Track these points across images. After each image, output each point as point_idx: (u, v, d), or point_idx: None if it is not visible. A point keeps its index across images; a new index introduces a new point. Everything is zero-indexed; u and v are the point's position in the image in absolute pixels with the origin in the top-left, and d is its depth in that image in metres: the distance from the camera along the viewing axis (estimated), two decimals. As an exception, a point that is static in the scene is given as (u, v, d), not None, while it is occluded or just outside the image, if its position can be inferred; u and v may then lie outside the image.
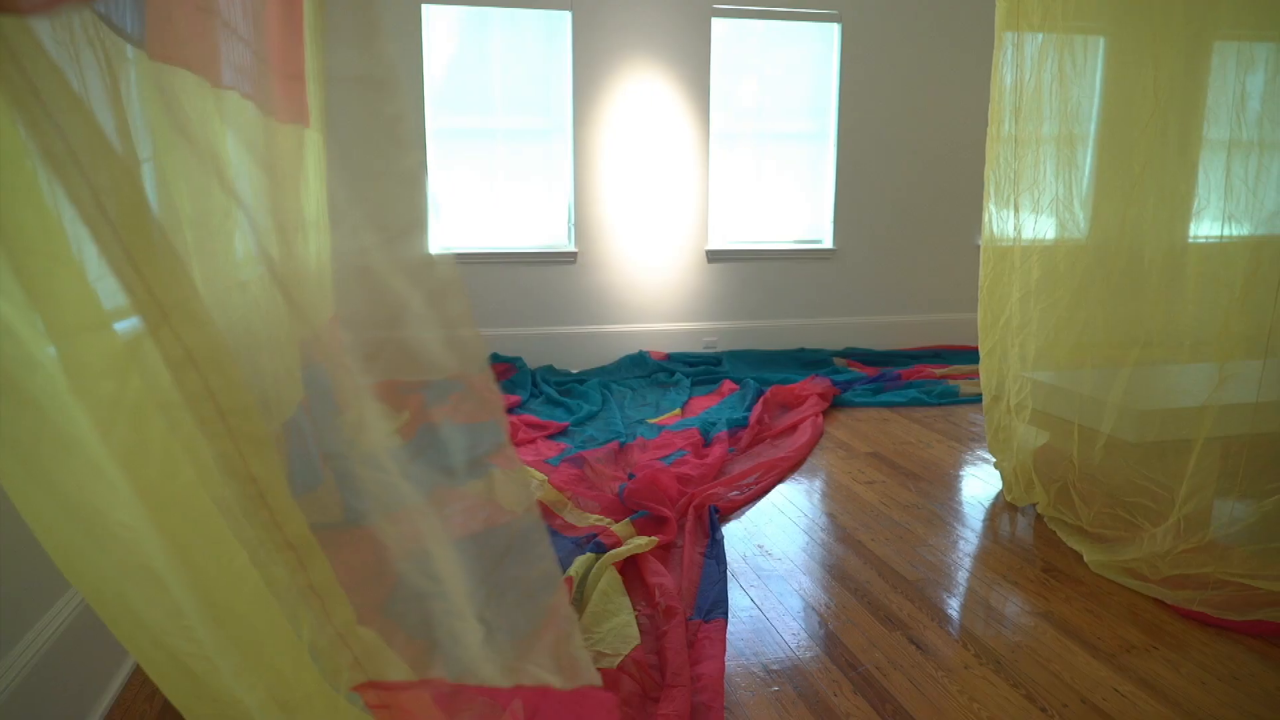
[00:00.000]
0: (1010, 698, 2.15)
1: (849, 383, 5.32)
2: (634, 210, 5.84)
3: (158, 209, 1.49)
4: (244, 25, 2.33)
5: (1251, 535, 2.82)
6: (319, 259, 3.13)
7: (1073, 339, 3.30)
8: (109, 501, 0.92)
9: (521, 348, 5.75)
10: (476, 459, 1.49)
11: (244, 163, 1.98)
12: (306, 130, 3.10)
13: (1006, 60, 3.29)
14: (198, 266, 1.59)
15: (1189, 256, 3.13)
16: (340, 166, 1.97)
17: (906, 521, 3.28)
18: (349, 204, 1.08)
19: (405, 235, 1.03)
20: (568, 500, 3.32)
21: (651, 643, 2.36)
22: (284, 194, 2.42)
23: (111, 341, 0.92)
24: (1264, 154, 2.97)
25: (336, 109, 2.72)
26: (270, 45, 2.68)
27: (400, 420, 2.48)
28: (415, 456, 1.62)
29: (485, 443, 4.24)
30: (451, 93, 5.51)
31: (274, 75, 2.71)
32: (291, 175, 2.72)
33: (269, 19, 2.64)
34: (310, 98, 3.20)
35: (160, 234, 0.94)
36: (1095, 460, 3.09)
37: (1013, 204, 3.33)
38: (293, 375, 2.44)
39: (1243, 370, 2.85)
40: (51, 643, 1.79)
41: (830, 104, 6.11)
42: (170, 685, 1.05)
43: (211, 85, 1.87)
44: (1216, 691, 2.18)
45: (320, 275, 3.15)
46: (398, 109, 1.03)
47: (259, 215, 1.79)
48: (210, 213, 1.72)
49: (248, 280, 2.04)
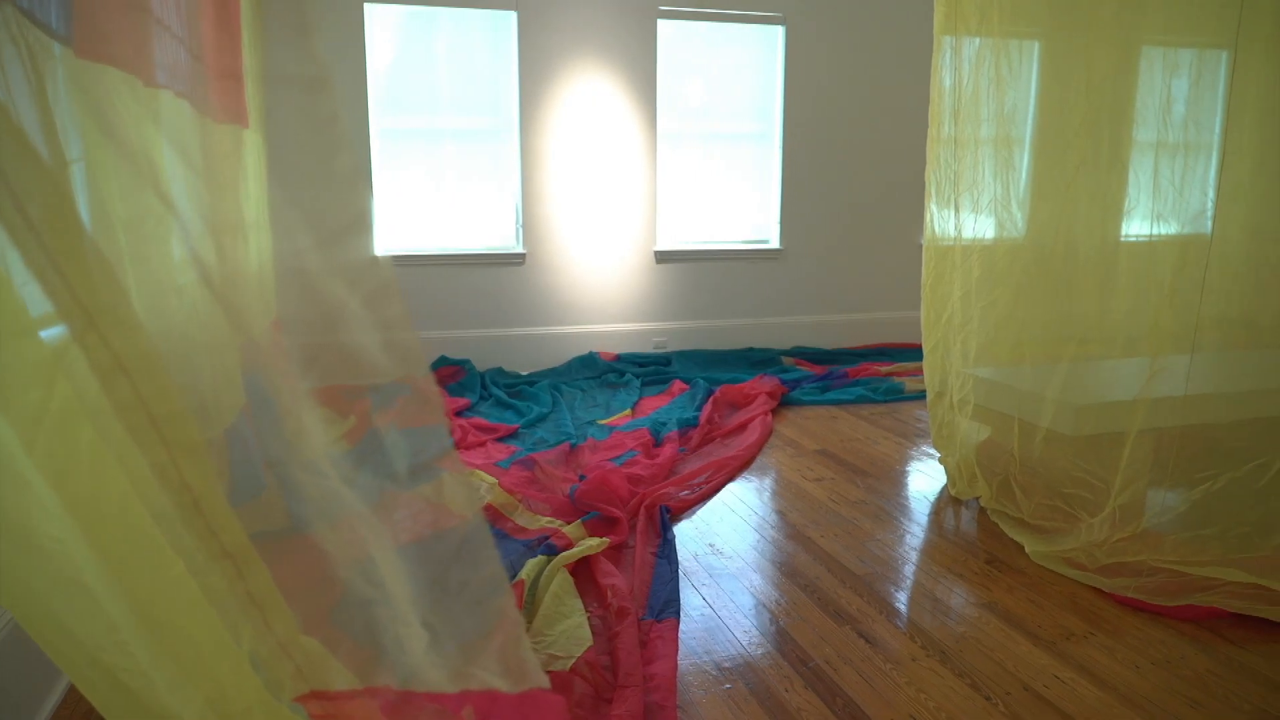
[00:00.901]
0: (956, 687, 2.20)
1: (797, 381, 5.38)
2: (582, 211, 5.83)
3: (89, 212, 1.44)
4: (178, 23, 2.27)
5: (1182, 523, 2.93)
6: (260, 262, 3.06)
7: (1012, 336, 3.38)
8: (37, 515, 0.89)
9: (470, 350, 5.70)
10: (425, 463, 1.47)
11: (178, 164, 1.93)
12: (246, 131, 3.03)
13: (945, 64, 3.36)
14: (131, 270, 1.54)
15: (1121, 255, 3.23)
16: (276, 168, 1.93)
17: (854, 517, 3.33)
18: (284, 206, 1.06)
19: (341, 237, 1.01)
20: (518, 503, 3.30)
21: (604, 644, 2.36)
22: (221, 196, 2.36)
23: (37, 349, 0.88)
24: (1189, 156, 3.08)
25: (273, 109, 2.67)
26: (206, 44, 2.61)
27: (346, 425, 2.44)
28: (362, 461, 1.60)
29: (433, 446, 4.21)
30: (396, 93, 5.44)
31: (210, 74, 2.65)
32: (230, 176, 2.66)
33: (204, 17, 2.58)
34: (249, 98, 3.13)
35: (87, 238, 0.91)
36: (1035, 454, 3.17)
37: (953, 204, 3.40)
38: (234, 380, 2.38)
39: (1172, 365, 2.95)
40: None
41: (775, 105, 6.18)
42: (105, 703, 1.02)
43: (144, 84, 1.82)
44: (1151, 675, 2.25)
45: (262, 279, 3.09)
46: (331, 109, 1.01)
47: (191, 218, 1.75)
48: (144, 215, 1.67)
49: (185, 284, 1.99)
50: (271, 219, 2.83)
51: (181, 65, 2.29)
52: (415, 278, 5.57)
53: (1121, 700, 2.14)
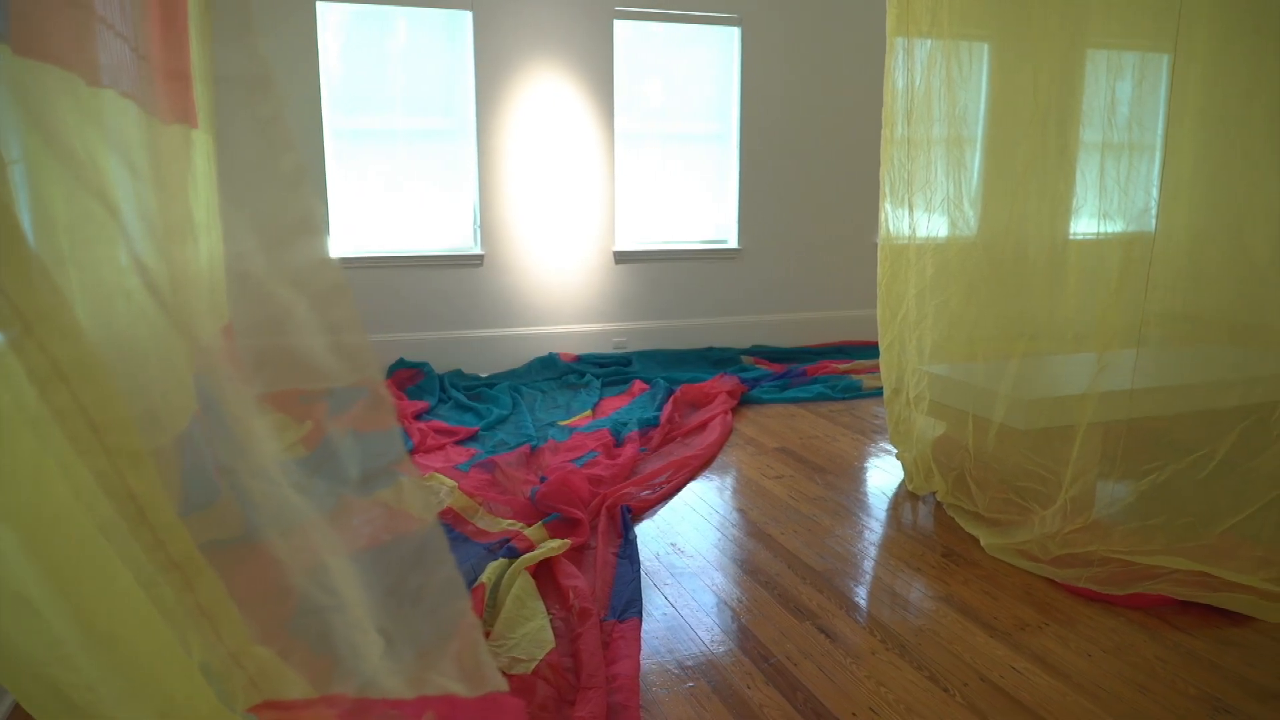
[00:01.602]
0: (915, 680, 2.23)
1: (756, 380, 5.41)
2: (541, 212, 5.81)
3: (30, 214, 1.40)
4: (121, 21, 2.22)
5: (1130, 514, 3.00)
6: (211, 265, 3.00)
7: (965, 333, 3.44)
8: (-26, 526, 0.86)
9: (428, 352, 5.65)
10: (383, 467, 1.45)
11: (122, 166, 1.88)
12: (194, 131, 2.97)
13: (898, 65, 3.40)
14: (74, 275, 1.50)
15: (1069, 253, 3.30)
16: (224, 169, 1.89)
17: (814, 514, 3.36)
18: (230, 208, 1.04)
19: (286, 239, 0.99)
20: (479, 506, 3.28)
21: (566, 646, 2.35)
22: (170, 197, 2.31)
23: (-28, 356, 0.86)
24: (1133, 156, 3.16)
25: (219, 109, 2.61)
26: (151, 42, 2.55)
27: (302, 430, 2.40)
28: (319, 466, 1.57)
29: (392, 450, 4.15)
30: (350, 93, 5.37)
31: (157, 74, 2.59)
32: (178, 178, 2.60)
33: (149, 15, 2.52)
34: (198, 98, 3.07)
35: (24, 241, 0.88)
36: (989, 448, 3.23)
37: (907, 204, 3.45)
38: (185, 386, 2.33)
39: (1119, 360, 3.02)
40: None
41: (732, 106, 6.21)
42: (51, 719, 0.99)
43: (86, 84, 1.77)
44: (1102, 663, 2.31)
45: (213, 282, 3.03)
46: (273, 109, 0.99)
47: (134, 221, 1.71)
48: (88, 218, 1.63)
49: (133, 288, 1.94)
50: (222, 221, 2.78)
51: (126, 64, 2.24)
52: (372, 280, 5.51)
53: (1074, 688, 2.19)
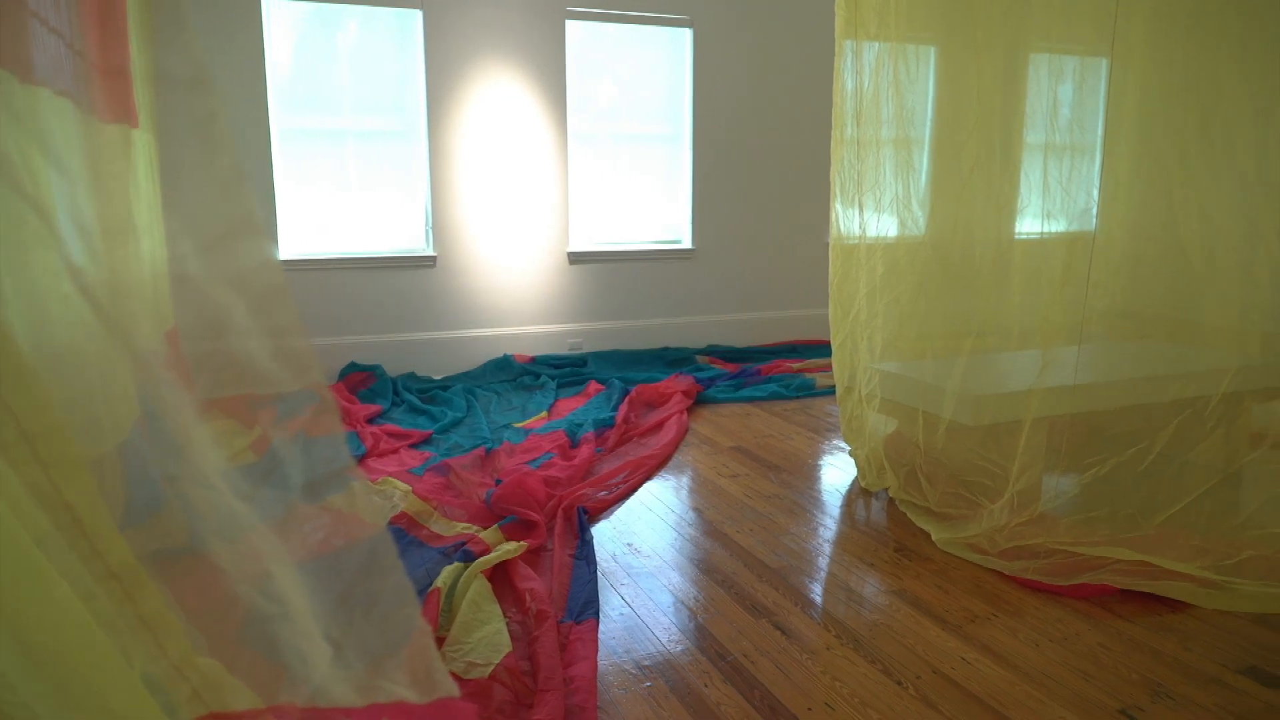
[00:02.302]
0: (869, 674, 2.26)
1: (711, 379, 5.44)
2: (494, 213, 5.77)
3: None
4: (56, 16, 2.16)
5: (1074, 506, 3.08)
6: (155, 267, 2.93)
7: (915, 331, 3.50)
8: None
9: (381, 355, 5.58)
10: (335, 472, 1.43)
11: (57, 166, 1.83)
12: (135, 131, 2.89)
13: (847, 67, 3.45)
14: (7, 280, 1.46)
15: (1014, 252, 3.37)
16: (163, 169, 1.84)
17: (769, 512, 3.39)
18: (168, 209, 1.01)
19: (224, 241, 0.97)
20: (434, 510, 3.24)
21: (524, 649, 2.34)
22: (109, 199, 2.25)
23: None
24: (1075, 157, 3.25)
25: (160, 109, 2.55)
26: (89, 39, 2.48)
27: (251, 436, 2.35)
28: (268, 473, 1.54)
29: (343, 455, 4.09)
30: (299, 92, 5.28)
31: (95, 71, 2.52)
32: (118, 178, 2.53)
33: (86, 10, 2.45)
34: (139, 96, 2.99)
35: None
36: (938, 444, 3.28)
37: (857, 204, 3.50)
38: (127, 392, 2.27)
39: (1062, 356, 3.10)
40: None
41: (685, 106, 6.24)
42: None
43: (20, 81, 1.72)
44: (1049, 652, 2.36)
45: (157, 285, 2.95)
46: (209, 108, 0.97)
47: (68, 223, 1.66)
48: (20, 221, 1.58)
49: (70, 293, 1.88)
50: (164, 223, 2.71)
51: (62, 61, 2.17)
52: (323, 282, 5.42)
53: (1023, 677, 2.24)
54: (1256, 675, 2.24)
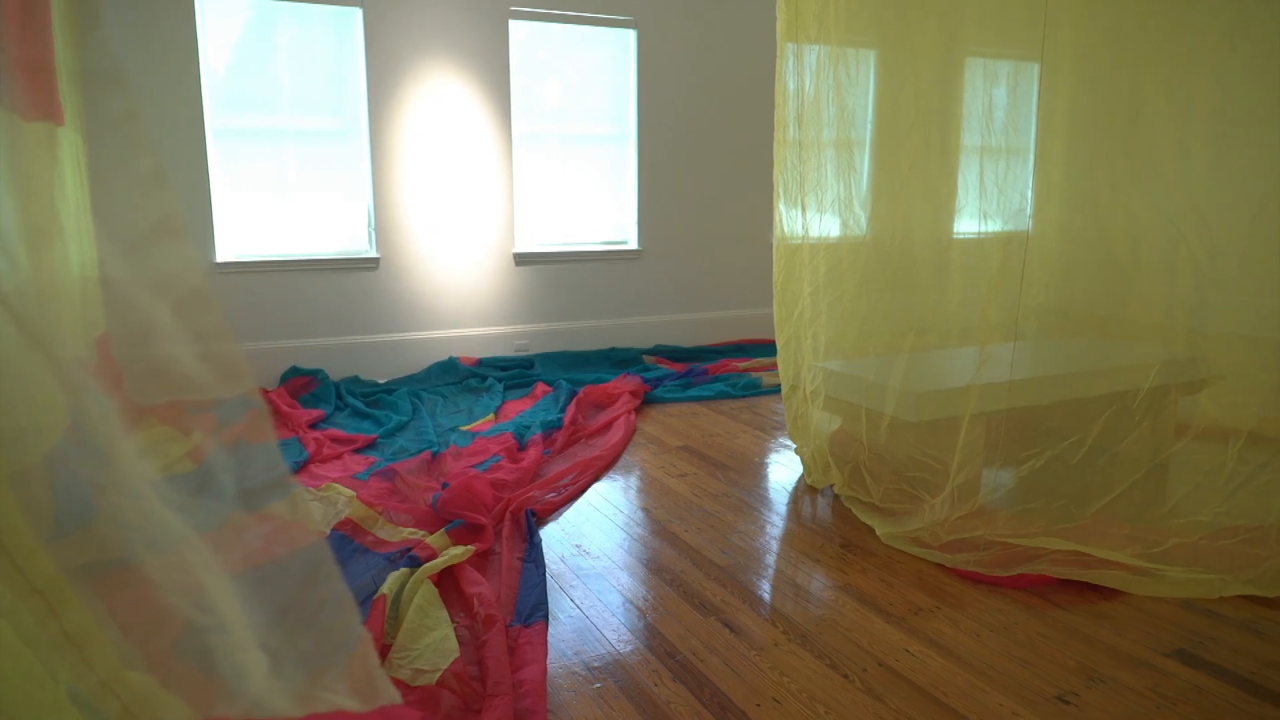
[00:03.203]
0: (816, 668, 2.29)
1: (659, 379, 5.46)
2: (438, 214, 5.71)
3: None
4: (-27, 10, 2.07)
5: (1012, 499, 3.16)
6: (83, 271, 2.83)
7: (857, 329, 3.56)
8: None
9: (324, 359, 5.47)
10: (276, 479, 1.40)
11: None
12: (61, 129, 2.79)
13: (789, 69, 3.49)
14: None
15: (953, 251, 3.45)
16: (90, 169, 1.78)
17: (717, 510, 3.41)
18: (93, 211, 0.98)
19: (145, 244, 0.94)
20: (379, 515, 3.20)
21: (472, 653, 2.32)
22: (31, 199, 2.16)
23: None
24: (1009, 159, 3.33)
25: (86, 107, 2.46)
26: (9, 33, 2.39)
27: (189, 443, 2.29)
28: (206, 482, 1.50)
29: (286, 461, 3.99)
30: (234, 90, 5.15)
31: (16, 67, 2.42)
32: (42, 178, 2.43)
33: (6, 3, 2.36)
34: (64, 94, 2.89)
35: None
36: (881, 440, 3.34)
37: (800, 204, 3.54)
38: (55, 400, 2.19)
39: (999, 353, 3.18)
40: None
41: (630, 107, 6.24)
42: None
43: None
44: (989, 642, 2.42)
45: (85, 289, 2.85)
46: (127, 107, 0.94)
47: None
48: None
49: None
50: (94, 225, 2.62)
51: (-20, 57, 2.08)
52: (263, 285, 5.30)
53: (965, 667, 2.29)
54: (1183, 657, 2.33)
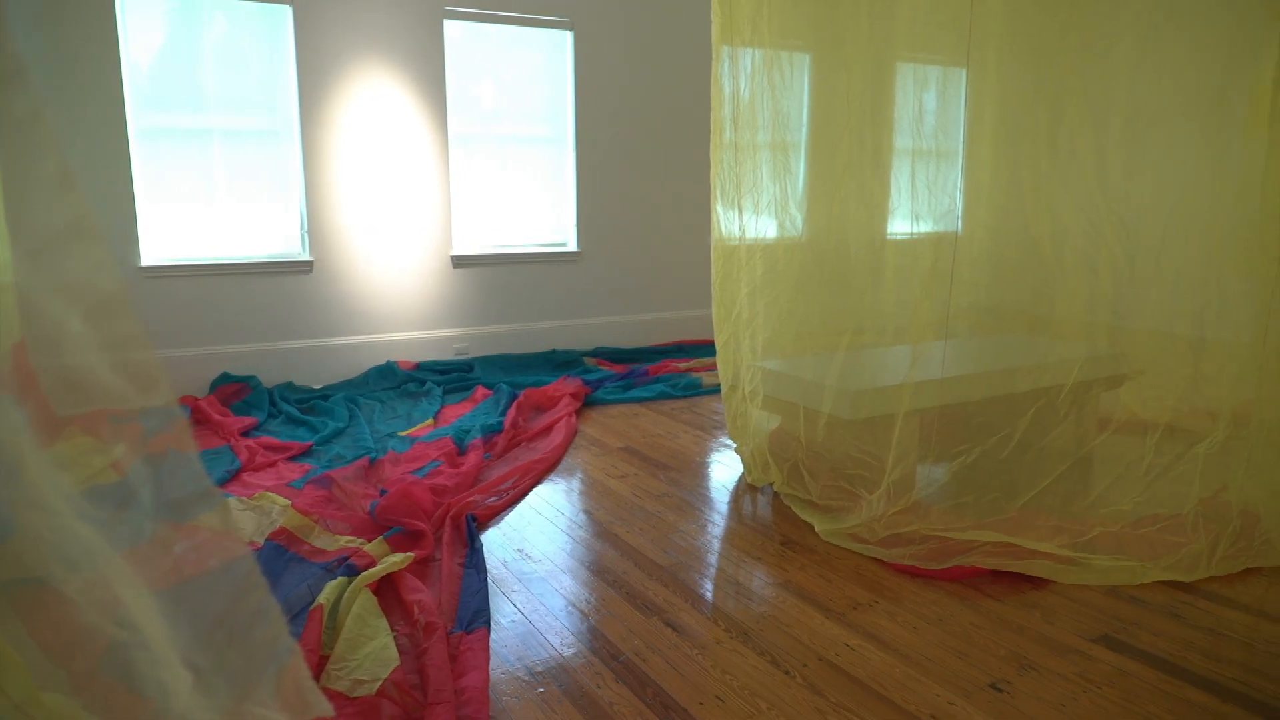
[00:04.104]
0: (758, 665, 2.32)
1: (600, 381, 5.46)
2: (373, 216, 5.61)
3: None
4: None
5: (945, 493, 3.24)
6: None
7: (794, 329, 3.61)
8: None
9: (256, 365, 5.33)
10: (206, 489, 1.36)
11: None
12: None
13: (724, 72, 3.52)
14: None
15: (887, 251, 3.52)
16: (2, 172, 1.70)
17: (659, 510, 3.42)
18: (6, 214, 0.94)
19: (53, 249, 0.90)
20: (315, 524, 3.13)
21: (412, 662, 2.29)
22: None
23: None
24: (939, 161, 3.42)
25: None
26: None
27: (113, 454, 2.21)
28: (131, 494, 1.45)
29: (217, 470, 3.90)
30: (158, 88, 4.98)
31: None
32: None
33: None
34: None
35: None
36: (819, 438, 3.39)
37: (737, 206, 3.58)
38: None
39: (931, 350, 3.26)
40: None
41: (567, 108, 6.23)
42: None
43: None
44: (925, 633, 2.48)
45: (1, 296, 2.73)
46: (30, 107, 0.90)
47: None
48: None
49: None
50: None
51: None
52: (191, 290, 5.14)
53: (902, 659, 2.34)
54: (1108, 642, 2.42)
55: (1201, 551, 2.82)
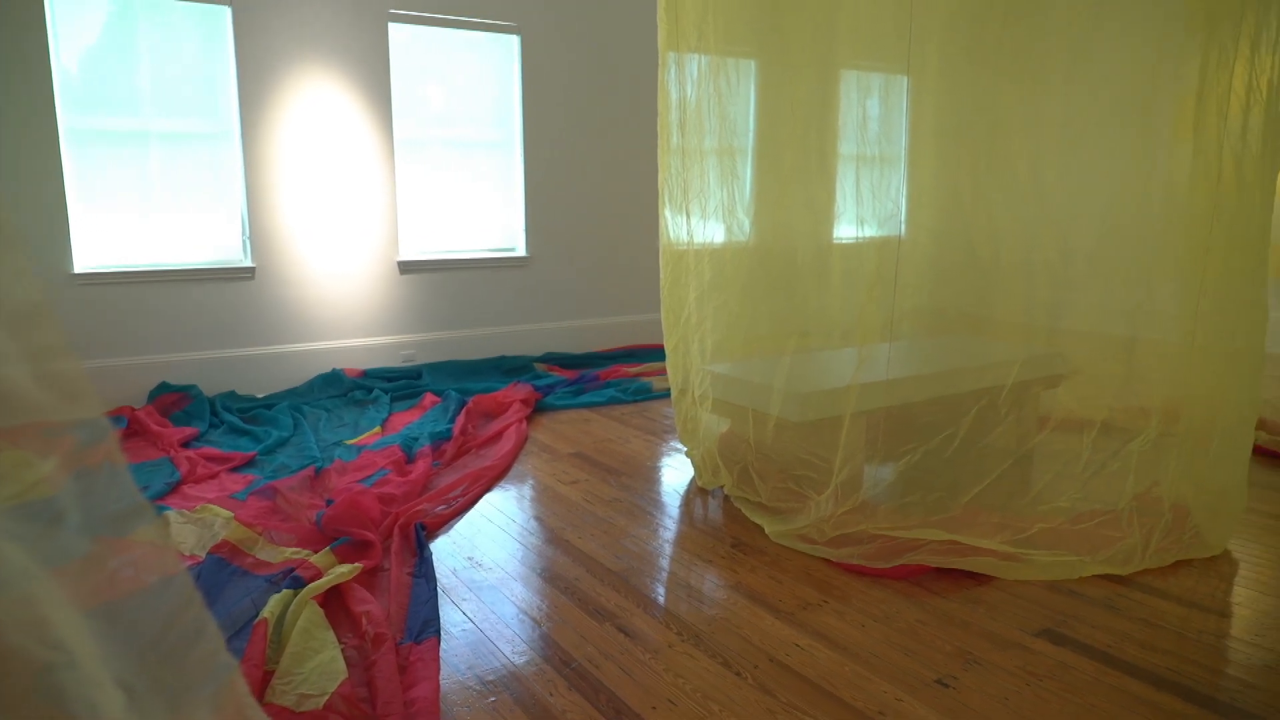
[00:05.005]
0: (709, 667, 2.33)
1: (550, 387, 5.44)
2: (318, 221, 5.52)
3: None
4: None
5: (892, 493, 3.30)
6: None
7: (743, 332, 3.64)
8: None
9: (197, 374, 5.20)
10: (144, 503, 1.32)
11: None
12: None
13: (670, 78, 3.54)
14: None
15: (833, 255, 3.57)
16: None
17: (610, 516, 3.42)
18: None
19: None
20: (259, 536, 3.06)
21: (361, 674, 2.25)
22: None
23: None
24: (883, 167, 3.48)
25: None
26: None
27: (46, 468, 2.13)
28: (65, 509, 1.40)
29: (156, 483, 3.79)
30: (91, 90, 4.84)
31: None
32: None
33: None
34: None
35: None
36: (768, 441, 3.43)
37: (684, 211, 3.60)
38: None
39: (877, 353, 3.31)
40: None
41: (515, 113, 6.20)
42: None
43: None
44: (873, 631, 2.52)
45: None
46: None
47: None
48: None
49: None
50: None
51: None
52: (128, 297, 5.00)
53: (851, 658, 2.37)
54: (1050, 636, 2.48)
55: (1136, 545, 2.91)
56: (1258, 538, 3.18)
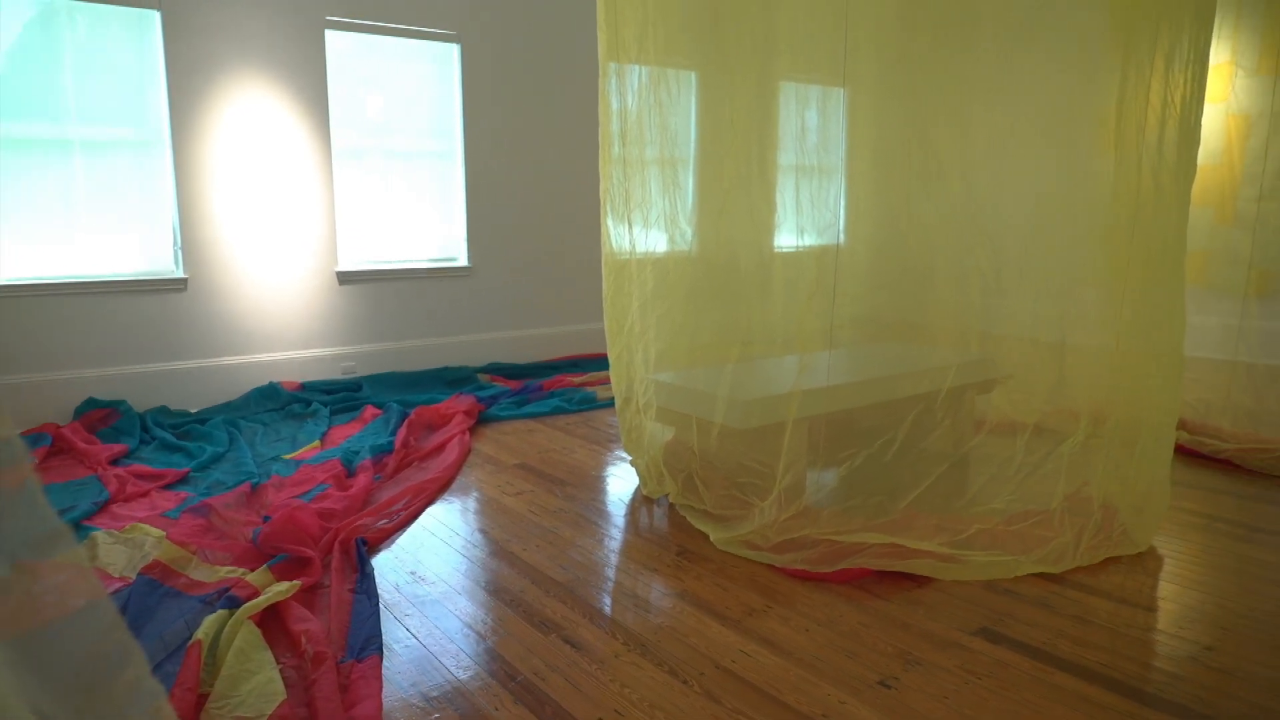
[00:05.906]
0: (656, 676, 2.33)
1: (494, 397, 5.39)
2: (253, 231, 5.39)
3: None
4: None
5: (834, 498, 3.35)
6: None
7: (686, 341, 3.66)
8: None
9: (126, 389, 5.03)
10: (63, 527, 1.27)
11: None
12: None
13: (611, 88, 3.56)
14: None
15: (775, 264, 3.62)
16: None
17: (555, 526, 3.41)
18: None
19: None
20: (192, 555, 2.97)
21: (300, 695, 2.20)
22: None
23: None
24: (821, 177, 3.54)
25: None
26: None
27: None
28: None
29: (83, 503, 3.67)
30: (11, 96, 4.66)
31: None
32: None
33: None
34: None
35: None
36: (712, 448, 3.45)
37: (627, 220, 3.61)
38: None
39: (817, 360, 3.36)
40: None
41: (456, 123, 6.16)
42: None
43: None
44: (817, 635, 2.55)
45: None
46: None
47: None
48: None
49: None
50: None
51: None
52: (52, 310, 4.81)
53: (795, 662, 2.40)
54: (987, 635, 2.54)
55: (1068, 544, 3.00)
56: (1181, 534, 3.31)
